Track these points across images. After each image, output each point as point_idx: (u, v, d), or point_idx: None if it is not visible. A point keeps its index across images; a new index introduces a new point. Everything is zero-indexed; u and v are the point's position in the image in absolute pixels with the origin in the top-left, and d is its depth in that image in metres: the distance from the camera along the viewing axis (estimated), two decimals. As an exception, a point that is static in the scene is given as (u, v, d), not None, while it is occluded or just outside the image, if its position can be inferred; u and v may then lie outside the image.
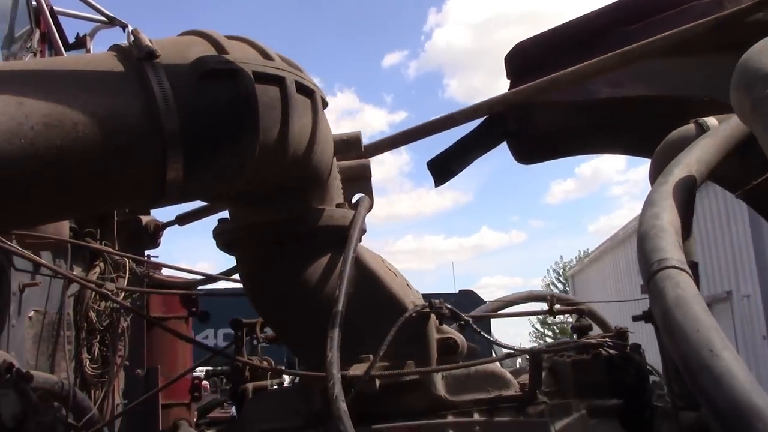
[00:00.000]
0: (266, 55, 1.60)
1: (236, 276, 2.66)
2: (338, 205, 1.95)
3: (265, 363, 2.45)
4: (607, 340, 1.94)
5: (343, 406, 1.34)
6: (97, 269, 3.14)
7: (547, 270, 41.10)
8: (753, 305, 13.07)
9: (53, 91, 1.32)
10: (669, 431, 1.67)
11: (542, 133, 3.77)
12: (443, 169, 3.82)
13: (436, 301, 1.85)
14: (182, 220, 3.24)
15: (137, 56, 1.41)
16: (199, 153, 1.45)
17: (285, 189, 1.79)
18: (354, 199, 2.08)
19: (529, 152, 4.00)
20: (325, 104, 1.76)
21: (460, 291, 12.37)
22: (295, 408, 1.96)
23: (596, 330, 2.97)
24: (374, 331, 1.82)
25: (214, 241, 2.01)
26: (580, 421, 1.78)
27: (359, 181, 2.19)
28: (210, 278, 2.55)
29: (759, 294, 12.94)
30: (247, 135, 1.50)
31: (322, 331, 1.87)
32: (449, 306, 1.84)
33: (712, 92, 3.10)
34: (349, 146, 2.04)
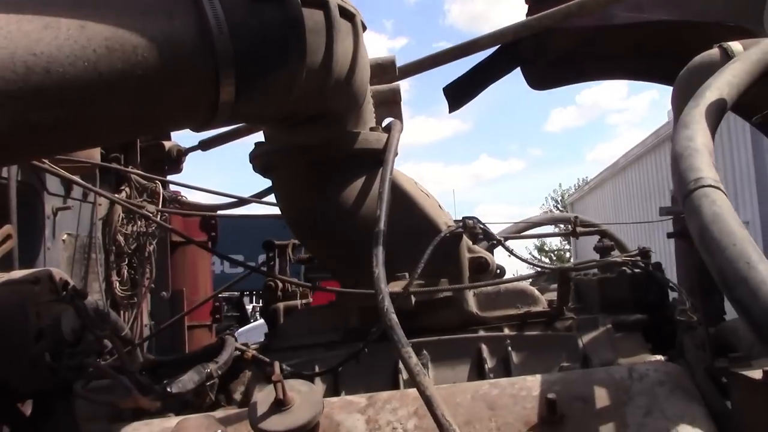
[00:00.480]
0: (311, -21, 1.63)
1: (266, 198, 2.74)
2: (372, 129, 2.00)
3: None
4: (631, 259, 2.02)
5: (394, 317, 1.42)
6: (124, 193, 3.21)
7: (545, 198, 41.26)
8: (752, 231, 13.21)
9: (113, 15, 1.35)
10: (690, 342, 1.75)
11: (557, 59, 3.78)
12: (458, 94, 3.86)
13: (470, 221, 1.92)
14: (205, 145, 3.29)
15: (190, -20, 1.44)
16: (250, 75, 1.49)
17: (323, 112, 1.84)
18: (384, 123, 2.13)
19: (543, 78, 4.02)
20: (364, 28, 1.79)
21: (463, 218, 12.46)
22: (331, 324, 2.06)
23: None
24: (409, 250, 1.90)
25: (251, 164, 2.07)
26: (605, 334, 1.86)
27: (389, 105, 2.23)
28: (241, 201, 2.61)
29: (758, 220, 13.08)
30: (294, 57, 1.54)
31: (359, 250, 1.95)
32: (483, 226, 1.91)
33: (733, 17, 3.11)
34: (384, 71, 2.08)
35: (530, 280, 2.05)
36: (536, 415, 1.43)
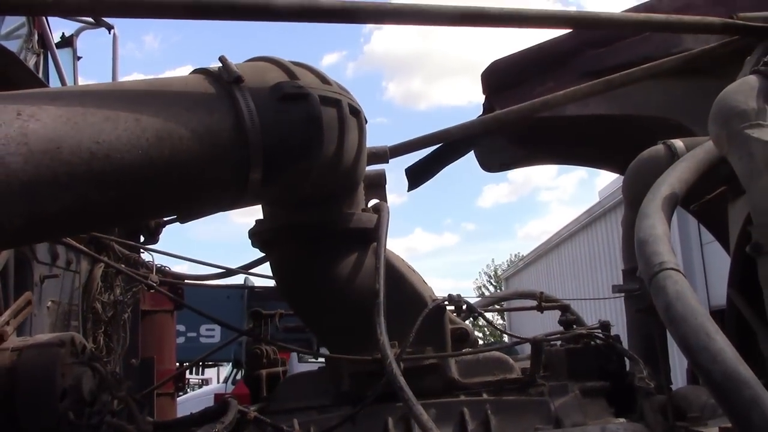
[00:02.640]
0: (325, 80, 1.86)
1: (253, 270, 2.90)
2: (363, 210, 2.22)
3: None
4: (595, 331, 2.25)
5: (403, 379, 1.61)
6: (102, 264, 3.31)
7: (479, 272, 41.87)
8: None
9: (163, 110, 1.55)
10: (648, 406, 1.98)
11: (509, 144, 4.08)
12: (418, 175, 4.13)
13: (455, 295, 2.14)
14: (183, 218, 3.44)
15: (227, 80, 1.66)
16: (276, 162, 1.70)
17: (323, 194, 2.05)
18: (370, 204, 2.35)
19: (495, 161, 4.33)
20: (366, 122, 2.02)
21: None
22: (323, 389, 2.22)
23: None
24: (398, 321, 2.09)
25: (249, 240, 2.25)
26: (574, 399, 2.08)
27: (375, 188, 2.46)
28: (229, 272, 2.76)
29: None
30: (314, 148, 1.76)
31: (352, 321, 2.14)
32: (466, 300, 2.13)
33: (670, 113, 3.46)
34: (377, 158, 2.31)
35: (506, 349, 2.26)
36: (524, 467, 1.62)
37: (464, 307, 2.15)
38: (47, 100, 1.48)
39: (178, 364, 4.67)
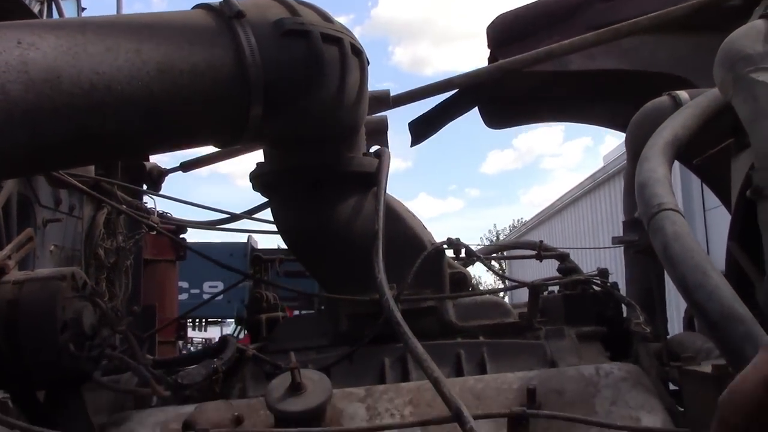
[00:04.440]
0: (327, 19, 1.85)
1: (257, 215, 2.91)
2: (364, 154, 2.22)
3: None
4: (593, 278, 2.27)
5: (399, 314, 1.62)
6: (105, 210, 3.33)
7: (481, 237, 41.96)
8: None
9: (164, 43, 1.55)
10: (644, 351, 2.00)
11: (513, 100, 4.06)
12: (421, 130, 4.11)
13: (455, 239, 2.15)
14: (186, 167, 3.45)
15: (229, 15, 1.65)
16: (277, 98, 1.70)
17: (325, 137, 2.04)
18: (372, 150, 2.35)
19: (499, 117, 4.31)
20: (368, 63, 2.01)
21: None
22: (322, 330, 2.24)
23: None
24: (397, 264, 2.10)
25: (251, 183, 2.25)
26: (570, 343, 2.10)
27: (377, 134, 2.46)
28: (234, 217, 2.77)
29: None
30: (315, 86, 1.76)
31: (351, 263, 2.15)
32: (465, 244, 2.14)
33: (677, 69, 3.44)
34: (380, 102, 2.31)
35: (503, 294, 2.28)
36: (517, 403, 1.64)
37: (463, 251, 2.16)
38: (47, 30, 1.48)
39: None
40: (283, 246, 2.61)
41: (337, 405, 1.73)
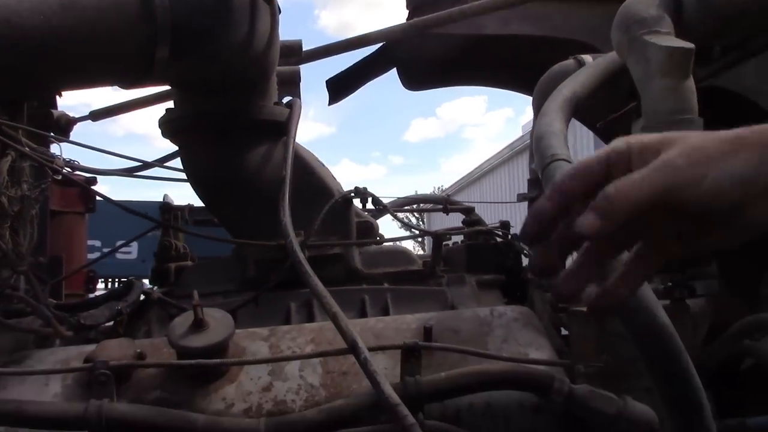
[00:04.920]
0: (237, -38, 1.85)
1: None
2: (275, 103, 2.23)
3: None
4: (495, 229, 2.36)
5: (302, 254, 1.67)
6: (9, 157, 3.23)
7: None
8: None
9: (68, -24, 1.53)
10: (538, 297, 2.11)
11: (431, 62, 4.11)
12: (339, 88, 4.13)
13: (362, 188, 2.20)
14: (96, 116, 3.38)
15: (135, -49, 1.63)
16: (183, 41, 1.70)
17: (237, 82, 2.05)
18: (284, 101, 2.37)
19: (417, 79, 4.36)
20: (279, 11, 2.03)
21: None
22: (229, 276, 2.27)
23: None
24: (306, 212, 2.14)
25: (160, 129, 2.24)
26: (470, 289, 2.19)
27: (289, 85, 2.47)
28: (146, 165, 2.74)
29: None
30: (223, 30, 1.77)
31: (260, 211, 2.18)
32: (372, 193, 2.19)
33: (588, 36, 3.56)
34: (291, 52, 2.32)
35: (409, 242, 2.34)
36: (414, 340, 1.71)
37: (370, 201, 2.22)
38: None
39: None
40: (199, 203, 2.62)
41: (240, 343, 1.76)
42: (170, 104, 2.24)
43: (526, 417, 1.61)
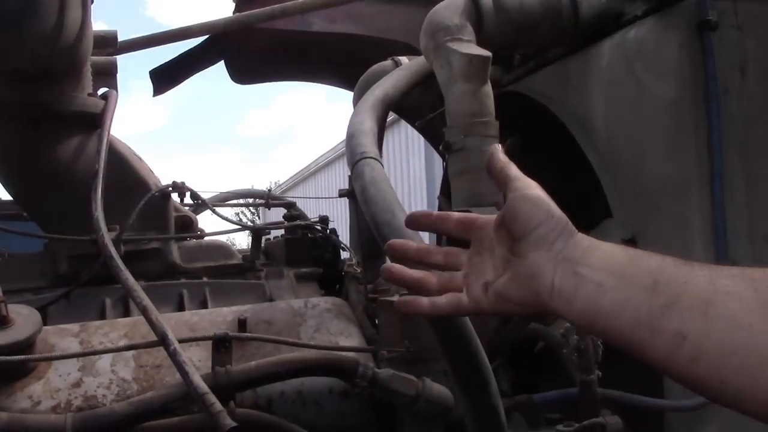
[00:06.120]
0: (45, -50, 1.80)
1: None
2: (89, 95, 2.19)
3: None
4: (313, 224, 2.44)
5: (114, 250, 1.65)
6: None
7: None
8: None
9: None
10: (353, 288, 2.20)
11: (258, 56, 4.13)
12: (164, 79, 4.05)
13: (180, 183, 2.20)
14: None
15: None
16: (-16, 29, 1.64)
17: (47, 72, 2.00)
18: (100, 92, 2.32)
19: (244, 72, 4.37)
20: (92, 0, 1.99)
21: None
22: (40, 272, 2.19)
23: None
24: (122, 206, 2.12)
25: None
26: (288, 282, 2.25)
27: (106, 76, 2.42)
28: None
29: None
30: (28, 18, 1.72)
31: (71, 205, 2.13)
32: (190, 187, 2.20)
33: (407, 37, 3.72)
34: (106, 42, 2.27)
35: (228, 236, 2.37)
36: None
37: (188, 195, 2.22)
38: None
39: None
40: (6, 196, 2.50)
41: (49, 340, 1.73)
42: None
43: (336, 402, 1.70)
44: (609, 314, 0.85)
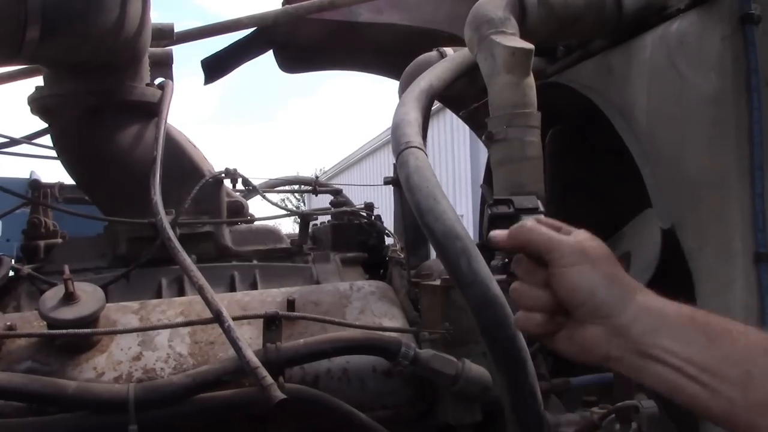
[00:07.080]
0: (108, -53, 1.90)
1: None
2: (147, 85, 2.29)
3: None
4: (359, 210, 2.52)
5: (172, 232, 1.76)
6: None
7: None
8: (465, 223, 14.76)
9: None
10: (396, 273, 2.28)
11: (306, 46, 4.22)
12: (215, 68, 4.16)
13: (232, 169, 2.30)
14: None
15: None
16: (54, 22, 1.75)
17: (109, 63, 2.10)
18: (156, 82, 2.42)
19: (293, 62, 4.46)
20: (152, -5, 2.09)
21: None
22: (101, 253, 2.32)
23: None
24: (177, 191, 2.22)
25: (29, 107, 2.26)
26: (334, 266, 2.34)
27: (162, 66, 2.53)
28: (13, 141, 2.70)
29: (471, 214, 14.70)
30: (93, 12, 1.82)
31: (130, 190, 2.24)
32: (242, 174, 2.30)
33: (453, 27, 3.76)
34: (163, 34, 2.38)
35: (277, 221, 2.47)
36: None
37: (240, 180, 2.32)
38: None
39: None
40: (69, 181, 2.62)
41: (111, 317, 1.84)
42: (38, 81, 2.25)
43: (379, 380, 1.78)
44: (694, 397, 0.87)
